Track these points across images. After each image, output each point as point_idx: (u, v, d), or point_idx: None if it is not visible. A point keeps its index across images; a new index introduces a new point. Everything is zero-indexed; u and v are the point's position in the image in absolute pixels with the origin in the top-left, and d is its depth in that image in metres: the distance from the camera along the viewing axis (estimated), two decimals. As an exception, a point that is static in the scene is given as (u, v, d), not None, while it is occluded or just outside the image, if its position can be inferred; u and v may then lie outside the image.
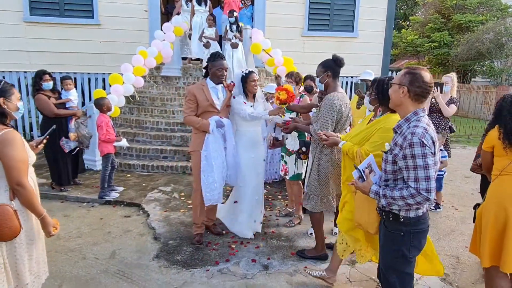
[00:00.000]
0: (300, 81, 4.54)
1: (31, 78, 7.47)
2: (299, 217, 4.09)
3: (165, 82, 7.58)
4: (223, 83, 3.44)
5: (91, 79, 8.06)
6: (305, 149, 3.59)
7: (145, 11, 7.98)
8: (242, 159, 3.56)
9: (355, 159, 2.51)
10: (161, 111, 6.83)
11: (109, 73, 6.55)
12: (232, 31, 6.90)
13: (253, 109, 3.51)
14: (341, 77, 7.85)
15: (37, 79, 4.59)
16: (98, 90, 5.81)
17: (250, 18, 8.11)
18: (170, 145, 6.25)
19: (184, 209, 4.41)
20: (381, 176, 2.09)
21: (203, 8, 7.31)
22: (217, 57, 3.34)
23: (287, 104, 3.40)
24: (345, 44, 8.89)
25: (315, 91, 4.56)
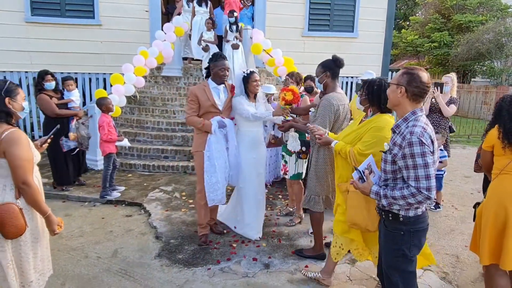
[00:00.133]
0: (300, 81, 4.57)
1: (32, 78, 7.60)
2: (300, 216, 4.11)
3: (166, 82, 7.60)
4: (225, 83, 3.46)
5: (92, 79, 8.09)
6: (305, 148, 3.61)
7: (146, 11, 8.01)
8: (243, 159, 3.56)
9: (348, 159, 2.54)
10: (162, 111, 6.86)
11: (110, 73, 6.58)
12: (232, 31, 6.92)
13: (255, 109, 3.51)
14: (341, 77, 7.92)
15: (39, 79, 4.63)
16: (99, 90, 5.84)
17: (250, 18, 8.13)
18: (171, 145, 6.28)
19: (185, 208, 4.44)
20: (380, 176, 2.11)
21: (203, 9, 7.34)
22: (219, 57, 3.36)
23: (292, 105, 3.40)
24: (345, 44, 8.91)
25: (316, 91, 4.59)
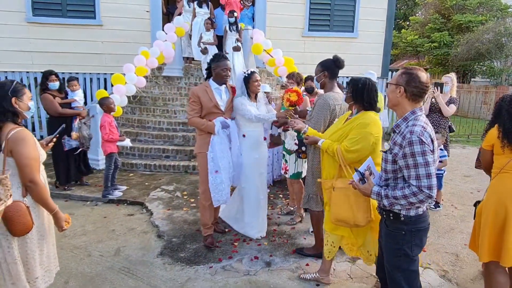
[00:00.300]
0: (301, 81, 4.58)
1: (33, 78, 7.63)
2: (301, 215, 4.14)
3: (167, 82, 7.63)
4: (226, 84, 3.47)
5: (93, 79, 8.11)
6: (305, 148, 3.63)
7: (147, 11, 8.03)
8: (246, 159, 3.55)
9: (335, 156, 2.59)
10: (163, 111, 6.88)
11: (111, 73, 6.60)
12: (231, 31, 6.95)
13: (256, 109, 3.52)
14: (341, 77, 7.93)
15: (43, 79, 4.69)
16: (100, 90, 5.87)
17: (251, 18, 8.16)
18: (172, 145, 6.31)
19: (187, 207, 4.47)
20: (380, 176, 2.13)
21: (204, 10, 7.36)
22: (221, 58, 3.36)
23: (295, 106, 3.40)
24: (345, 44, 8.93)
25: (316, 91, 4.60)
